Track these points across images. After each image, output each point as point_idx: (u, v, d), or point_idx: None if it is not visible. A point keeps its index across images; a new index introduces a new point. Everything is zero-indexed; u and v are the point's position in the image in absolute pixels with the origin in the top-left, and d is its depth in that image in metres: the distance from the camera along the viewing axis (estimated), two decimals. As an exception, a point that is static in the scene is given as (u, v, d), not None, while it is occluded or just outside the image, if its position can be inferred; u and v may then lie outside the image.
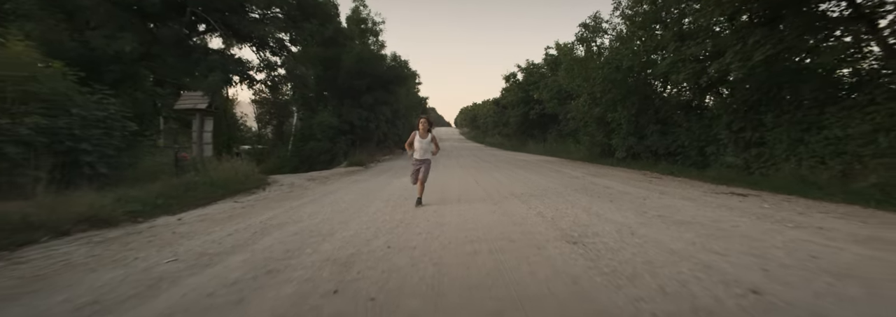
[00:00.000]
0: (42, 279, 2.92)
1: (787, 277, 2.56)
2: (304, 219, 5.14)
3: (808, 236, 3.65)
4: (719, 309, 2.08)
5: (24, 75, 5.36)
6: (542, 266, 2.89)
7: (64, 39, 8.24)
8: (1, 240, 3.80)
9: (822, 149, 7.20)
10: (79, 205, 4.85)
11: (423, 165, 5.88)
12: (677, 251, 3.19)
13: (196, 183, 7.55)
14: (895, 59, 6.36)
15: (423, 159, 5.89)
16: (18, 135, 5.13)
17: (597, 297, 2.30)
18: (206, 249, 3.73)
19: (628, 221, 4.46)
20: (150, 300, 2.48)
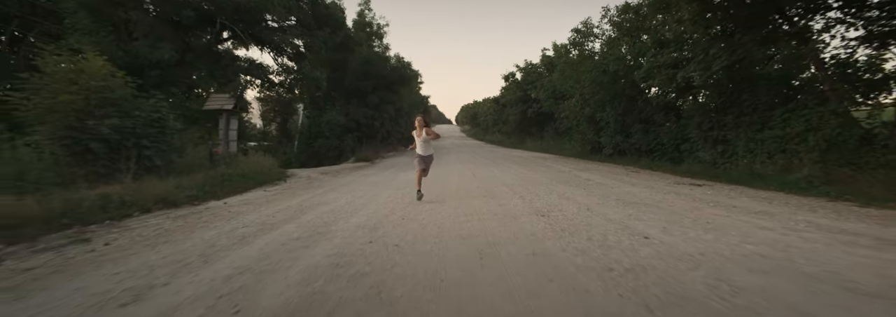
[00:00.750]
0: (161, 236, 4.13)
1: (676, 232, 3.75)
2: (331, 202, 6.34)
3: (717, 211, 4.84)
4: (617, 245, 3.28)
5: (103, 84, 6.55)
6: (513, 227, 4.10)
7: (113, 50, 9.44)
8: (111, 213, 5.02)
9: (769, 146, 8.36)
10: (153, 190, 6.07)
11: (425, 162, 6.36)
12: (613, 219, 4.38)
13: (230, 175, 8.75)
14: (822, 71, 7.52)
15: (426, 156, 6.36)
16: (101, 134, 6.33)
17: (545, 241, 3.51)
18: (264, 220, 4.94)
19: (590, 202, 5.65)
20: (247, 246, 3.69)
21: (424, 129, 6.27)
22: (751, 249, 3.16)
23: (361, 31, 19.44)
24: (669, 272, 2.63)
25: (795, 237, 3.51)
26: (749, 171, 8.50)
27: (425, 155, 6.40)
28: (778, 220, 4.28)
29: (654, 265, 2.77)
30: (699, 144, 10.83)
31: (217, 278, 2.76)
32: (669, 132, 12.23)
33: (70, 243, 3.95)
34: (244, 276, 2.82)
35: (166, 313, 2.19)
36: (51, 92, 6.26)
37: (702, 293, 2.27)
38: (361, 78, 18.30)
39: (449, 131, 61.87)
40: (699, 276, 2.55)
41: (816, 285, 2.37)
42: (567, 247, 3.31)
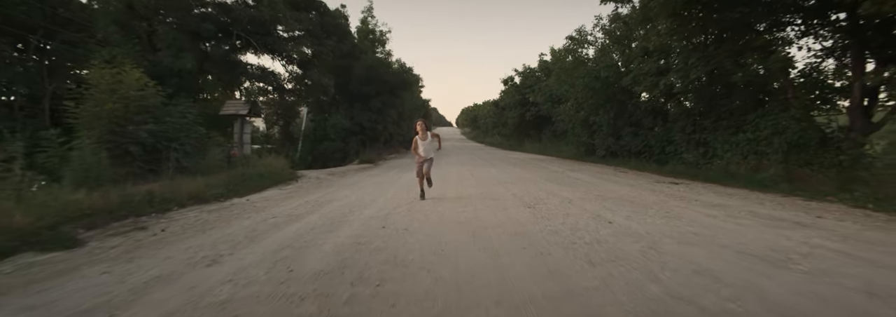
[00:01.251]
0: (206, 225, 4.92)
1: (636, 219, 4.53)
2: (343, 198, 7.12)
3: (680, 204, 5.62)
4: (584, 228, 4.06)
5: (140, 94, 7.37)
6: (502, 216, 4.88)
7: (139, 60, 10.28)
8: (155, 207, 5.81)
9: (743, 148, 9.14)
10: (186, 187, 6.86)
11: (427, 163, 6.60)
12: (588, 210, 5.16)
13: (249, 174, 9.54)
14: (786, 80, 8.31)
15: (427, 157, 6.61)
16: (140, 138, 7.14)
17: (526, 225, 4.29)
18: (289, 212, 5.72)
19: (573, 197, 6.43)
20: (281, 231, 4.46)
21: (428, 132, 6.55)
22: (689, 229, 3.94)
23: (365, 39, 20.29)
24: (617, 244, 3.41)
25: (731, 223, 4.29)
26: (724, 171, 9.29)
27: (427, 157, 6.60)
28: (726, 210, 5.06)
29: (608, 240, 3.55)
30: (682, 146, 11.61)
31: (267, 251, 3.55)
32: (656, 135, 13.02)
33: (132, 229, 4.73)
34: (287, 250, 3.60)
35: (241, 270, 2.97)
36: (96, 101, 7.07)
37: (634, 255, 3.05)
38: (365, 83, 19.15)
39: (449, 134, 62.69)
40: (638, 246, 3.33)
41: (721, 251, 3.15)
42: (544, 229, 4.09)
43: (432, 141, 6.62)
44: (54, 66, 14.63)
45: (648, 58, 11.71)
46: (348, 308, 2.25)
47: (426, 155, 6.59)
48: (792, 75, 8.50)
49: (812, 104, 8.29)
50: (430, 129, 6.74)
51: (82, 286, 2.70)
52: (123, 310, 2.28)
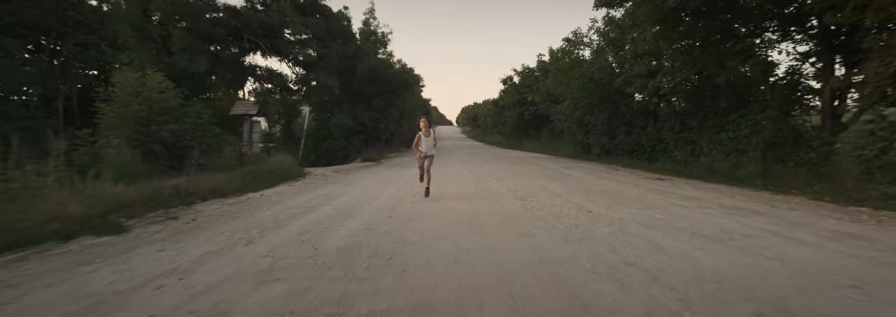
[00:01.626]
0: (231, 215, 5.51)
1: (614, 209, 5.11)
2: (351, 193, 7.71)
3: (658, 197, 6.20)
4: (567, 216, 4.65)
5: (162, 96, 7.95)
6: (495, 206, 5.47)
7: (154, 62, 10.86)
8: (182, 199, 6.40)
9: (725, 146, 9.71)
10: (206, 183, 7.45)
11: (428, 160, 6.79)
12: (573, 202, 5.75)
13: (260, 171, 10.13)
14: (764, 81, 8.87)
15: (428, 154, 6.79)
16: (162, 137, 7.73)
17: (516, 213, 4.87)
18: (304, 204, 6.31)
19: (562, 191, 7.01)
20: (301, 219, 5.05)
21: (430, 132, 6.77)
22: (657, 217, 4.52)
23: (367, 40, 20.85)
24: (591, 228, 4.00)
25: (696, 212, 4.87)
26: (708, 168, 9.86)
27: (428, 154, 6.80)
28: (697, 202, 5.64)
29: (584, 225, 4.14)
30: (672, 145, 12.18)
31: (292, 234, 4.14)
32: (648, 134, 13.58)
33: (165, 219, 5.33)
34: (309, 233, 4.19)
35: (274, 248, 3.56)
36: (121, 103, 7.66)
37: (603, 235, 3.64)
38: (368, 83, 19.72)
39: (449, 133, 63.23)
40: (608, 229, 3.92)
41: (676, 232, 3.74)
42: (531, 217, 4.68)
43: (433, 139, 6.84)
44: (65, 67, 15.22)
45: (639, 60, 12.26)
46: (368, 273, 2.84)
47: (427, 152, 6.75)
48: (772, 78, 9.05)
49: (788, 105, 8.86)
50: (432, 127, 7.00)
51: (148, 259, 3.30)
52: (190, 274, 2.87)
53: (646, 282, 2.48)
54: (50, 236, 4.04)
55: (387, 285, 2.56)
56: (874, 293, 2.27)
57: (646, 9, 8.81)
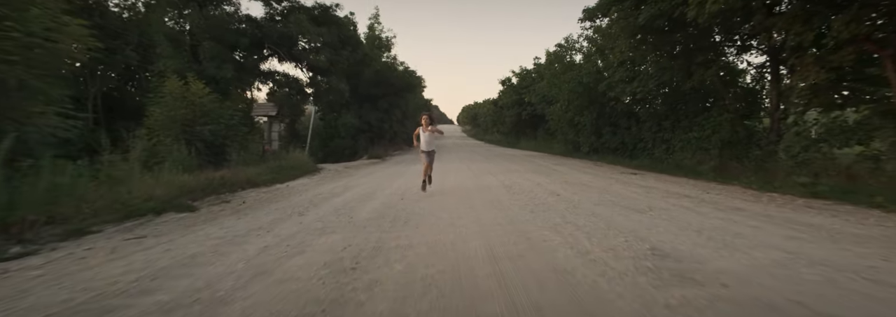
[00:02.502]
0: (271, 200, 6.86)
1: (579, 194, 6.45)
2: (365, 184, 9.05)
3: (620, 186, 7.53)
4: (539, 199, 5.99)
5: (202, 100, 9.29)
6: (486, 193, 6.81)
7: (187, 70, 12.19)
8: (227, 188, 7.74)
9: (693, 145, 11.03)
10: (242, 175, 8.80)
11: (428, 156, 7.14)
12: (549, 189, 7.09)
13: (282, 166, 11.48)
14: (723, 88, 10.19)
15: (429, 151, 7.13)
16: (204, 136, 9.08)
17: (501, 198, 6.22)
18: (328, 192, 7.65)
19: (543, 182, 8.35)
20: (329, 202, 6.39)
21: (430, 127, 7.02)
22: (609, 199, 5.87)
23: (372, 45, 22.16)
24: (553, 205, 5.34)
25: (643, 196, 6.21)
26: (677, 164, 11.19)
27: (429, 150, 7.12)
28: (649, 190, 6.98)
29: (549, 203, 5.49)
30: (650, 144, 13.51)
31: (329, 210, 5.48)
32: (630, 134, 14.91)
33: (220, 202, 6.66)
34: (342, 210, 5.53)
35: (320, 218, 4.90)
36: (170, 107, 9.01)
37: (559, 209, 4.99)
38: (373, 85, 21.06)
39: (450, 131, 64.51)
40: (565, 205, 5.26)
41: (615, 207, 5.08)
42: (512, 199, 6.02)
43: (433, 134, 7.05)
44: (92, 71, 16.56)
45: (621, 67, 13.57)
46: (392, 230, 4.18)
47: (427, 147, 7.05)
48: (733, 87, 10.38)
49: (745, 109, 10.18)
50: (433, 124, 7.16)
51: (234, 223, 4.65)
52: (272, 229, 4.22)
53: (572, 231, 3.83)
54: (148, 211, 5.39)
55: (406, 235, 3.90)
56: (713, 236, 3.60)
57: (620, 24, 10.14)
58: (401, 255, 3.21)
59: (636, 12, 9.56)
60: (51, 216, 4.36)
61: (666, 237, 3.55)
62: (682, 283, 2.46)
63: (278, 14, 13.69)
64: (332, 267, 2.92)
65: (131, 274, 2.84)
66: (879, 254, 3.05)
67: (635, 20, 9.46)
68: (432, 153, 7.20)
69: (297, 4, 13.71)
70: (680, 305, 2.13)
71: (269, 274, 2.80)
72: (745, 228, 3.93)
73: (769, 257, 2.96)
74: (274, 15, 13.52)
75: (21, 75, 4.27)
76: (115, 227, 4.63)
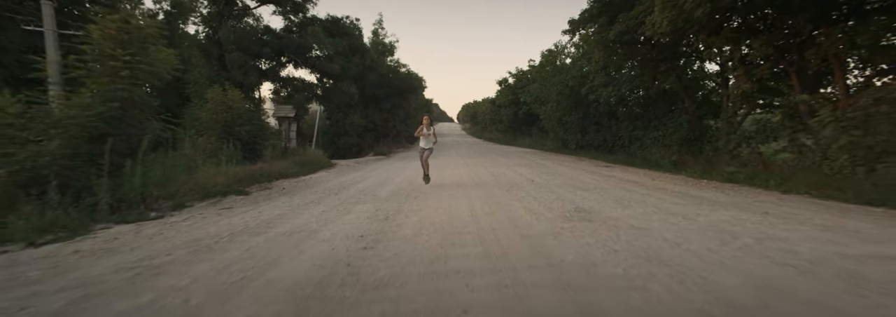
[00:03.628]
0: (306, 187, 8.60)
1: (547, 179, 8.17)
2: (377, 176, 10.77)
3: (585, 175, 9.25)
4: (517, 183, 7.72)
5: (238, 105, 11.01)
6: (476, 179, 8.54)
7: (217, 77, 13.91)
8: (264, 178, 9.47)
9: (659, 142, 12.74)
10: (274, 168, 10.53)
11: (427, 152, 8.11)
12: (527, 178, 8.81)
13: (302, 161, 13.21)
14: (683, 93, 11.88)
15: (427, 148, 8.10)
16: (241, 136, 10.79)
17: (487, 182, 7.95)
18: (350, 181, 9.38)
19: (525, 172, 10.06)
20: (354, 187, 8.13)
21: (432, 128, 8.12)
22: (567, 182, 7.59)
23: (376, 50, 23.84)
24: (525, 187, 7.06)
25: (599, 181, 7.92)
26: (645, 159, 12.91)
27: (427, 147, 8.10)
28: (607, 178, 8.69)
29: (522, 185, 7.22)
30: (626, 141, 15.23)
31: (356, 192, 7.21)
32: (611, 132, 16.63)
33: (264, 189, 8.39)
34: (366, 192, 7.25)
35: (351, 196, 6.63)
36: (212, 111, 10.72)
37: (528, 189, 6.71)
38: (378, 88, 22.76)
39: (450, 129, 66.16)
40: (534, 187, 6.99)
41: (568, 186, 6.80)
42: (494, 182, 7.74)
43: (431, 134, 8.06)
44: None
45: (600, 72, 15.26)
46: (407, 201, 5.90)
47: (426, 145, 8.01)
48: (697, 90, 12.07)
49: (701, 111, 11.88)
50: (433, 124, 8.20)
51: (288, 201, 6.38)
52: (320, 202, 5.95)
53: (530, 201, 5.56)
54: (217, 194, 7.11)
55: (417, 204, 5.63)
56: (621, 202, 5.31)
57: (595, 38, 11.84)
58: (415, 213, 4.94)
59: (608, 28, 11.25)
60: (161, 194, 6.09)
61: (590, 203, 5.28)
62: (581, 221, 4.18)
63: (295, 25, 15.37)
64: (372, 219, 4.65)
65: (251, 222, 4.58)
66: (712, 210, 4.76)
67: (607, 34, 11.15)
68: (430, 150, 8.13)
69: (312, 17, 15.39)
70: (572, 228, 3.86)
71: (333, 222, 4.53)
72: (649, 198, 5.66)
73: (645, 211, 4.68)
74: (292, 27, 15.20)
75: (141, 94, 6.00)
76: (201, 203, 6.37)
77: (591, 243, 3.36)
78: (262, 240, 3.73)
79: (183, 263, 3.05)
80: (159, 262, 3.08)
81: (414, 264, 2.92)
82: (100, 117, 5.55)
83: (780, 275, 2.53)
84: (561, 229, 3.85)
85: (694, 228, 3.85)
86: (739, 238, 3.42)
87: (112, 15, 5.99)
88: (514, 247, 3.31)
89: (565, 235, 3.62)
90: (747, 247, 3.16)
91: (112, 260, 3.18)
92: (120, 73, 5.81)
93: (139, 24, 6.24)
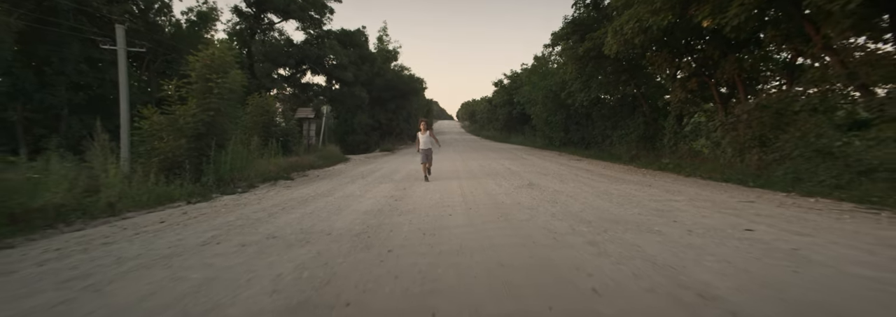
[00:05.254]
0: (335, 174, 11.08)
1: (521, 167, 10.63)
2: (387, 167, 13.23)
3: (554, 165, 11.70)
4: (497, 170, 10.18)
5: (273, 109, 13.44)
6: (467, 169, 11.00)
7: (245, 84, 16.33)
8: (302, 169, 11.93)
9: (623, 139, 15.19)
10: (305, 161, 12.99)
11: (425, 153, 8.88)
12: (506, 167, 11.27)
13: (323, 156, 15.67)
14: (642, 100, 14.31)
15: (426, 149, 8.87)
16: (277, 134, 13.24)
17: (476, 171, 10.42)
18: (368, 170, 11.85)
19: (508, 164, 12.51)
20: (373, 174, 10.59)
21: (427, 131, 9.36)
22: (535, 169, 10.04)
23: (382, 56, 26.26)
24: (501, 172, 9.52)
25: (561, 169, 10.37)
26: (611, 153, 15.38)
27: (426, 149, 8.90)
28: (569, 167, 11.14)
29: (500, 171, 9.69)
30: (599, 138, 17.70)
31: (376, 176, 9.67)
32: (587, 131, 19.09)
33: (302, 176, 10.84)
34: (384, 177, 9.70)
35: (375, 179, 9.09)
36: (254, 114, 13.16)
37: (504, 173, 9.18)
38: (384, 90, 25.19)
39: (450, 127, 68.55)
40: (510, 173, 9.45)
41: (535, 171, 9.25)
42: (481, 171, 10.20)
43: (429, 136, 9.05)
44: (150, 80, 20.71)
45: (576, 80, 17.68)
46: (415, 184, 8.35)
47: (423, 146, 8.87)
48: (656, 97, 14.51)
49: (656, 114, 14.32)
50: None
51: (329, 182, 8.85)
52: (354, 183, 8.42)
53: (501, 180, 8.00)
54: (271, 178, 9.56)
55: (424, 185, 8.08)
56: (564, 180, 7.76)
57: (567, 53, 14.27)
58: (422, 186, 7.40)
59: (579, 45, 13.66)
60: (238, 177, 8.53)
61: (541, 181, 7.74)
62: (527, 188, 6.64)
63: (314, 39, 17.79)
64: (394, 189, 7.10)
65: (307, 194, 7.03)
66: (619, 185, 7.19)
67: (578, 51, 13.57)
68: (429, 152, 8.91)
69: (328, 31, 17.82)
70: (519, 192, 6.31)
71: (369, 191, 6.98)
72: (585, 179, 8.11)
73: (574, 185, 7.14)
74: (311, 40, 17.63)
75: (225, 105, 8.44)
76: (263, 184, 8.82)
77: (525, 197, 5.83)
78: (331, 199, 6.20)
79: (291, 208, 5.50)
80: (276, 210, 5.51)
81: (423, 206, 5.38)
82: (201, 122, 8.00)
83: (615, 209, 4.99)
84: (511, 192, 6.32)
85: (592, 191, 6.33)
86: (613, 197, 5.88)
87: (206, 49, 8.44)
88: (480, 199, 5.78)
89: (512, 194, 6.10)
90: (612, 199, 5.62)
91: (249, 208, 5.62)
92: (213, 91, 8.25)
93: (223, 54, 8.67)
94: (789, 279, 2.46)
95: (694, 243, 3.30)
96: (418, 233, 3.84)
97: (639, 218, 4.34)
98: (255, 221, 4.59)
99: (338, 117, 27.61)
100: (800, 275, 2.53)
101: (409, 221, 4.38)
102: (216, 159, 8.05)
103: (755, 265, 2.72)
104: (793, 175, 6.86)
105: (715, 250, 3.07)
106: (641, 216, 4.43)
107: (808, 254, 2.96)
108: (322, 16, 17.74)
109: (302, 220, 4.63)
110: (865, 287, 2.35)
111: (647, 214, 4.56)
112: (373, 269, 2.77)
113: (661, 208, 4.86)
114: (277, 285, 2.47)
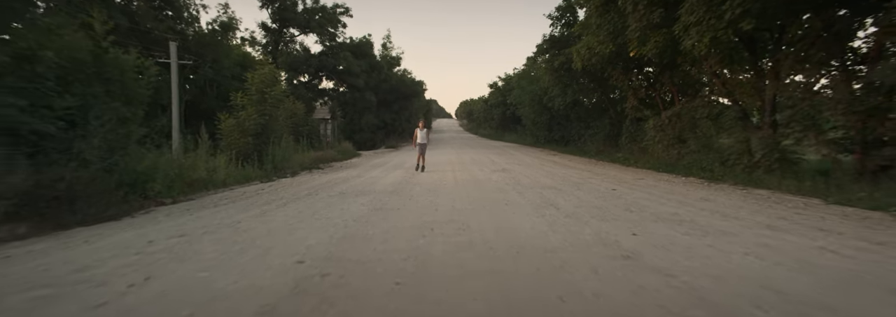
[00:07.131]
0: (357, 165, 13.85)
1: (503, 160, 13.39)
2: (396, 161, 15.98)
3: (529, 158, 14.47)
4: (482, 160, 12.95)
5: (300, 113, 16.16)
6: (460, 161, 13.76)
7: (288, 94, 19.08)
8: (326, 161, 14.69)
9: (592, 138, 17.94)
10: (327, 155, 15.75)
11: (421, 147, 10.89)
12: (492, 160, 14.04)
13: (340, 151, 18.42)
14: (609, 105, 17.06)
15: (422, 143, 10.93)
16: (304, 133, 15.97)
17: (468, 163, 13.18)
18: (381, 162, 14.62)
19: (494, 158, 15.27)
20: (387, 164, 13.35)
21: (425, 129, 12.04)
22: (515, 161, 12.80)
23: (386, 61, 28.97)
24: (485, 162, 12.28)
25: (535, 161, 13.12)
26: (582, 149, 18.16)
27: (422, 143, 10.97)
28: (541, 160, 13.90)
29: (484, 162, 12.45)
30: (576, 136, 20.48)
31: (390, 165, 12.42)
32: (566, 130, 21.87)
33: (328, 167, 13.58)
34: (397, 165, 12.45)
35: (392, 167, 11.85)
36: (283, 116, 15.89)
37: (486, 163, 11.95)
38: (388, 93, 27.91)
39: (448, 126, 71.25)
40: (492, 163, 12.21)
41: (514, 163, 12.01)
42: (471, 162, 12.95)
43: (427, 133, 11.27)
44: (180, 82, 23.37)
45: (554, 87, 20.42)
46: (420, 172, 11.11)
47: (421, 141, 10.92)
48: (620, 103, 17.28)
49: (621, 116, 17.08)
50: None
51: (354, 170, 11.62)
52: (374, 169, 11.18)
53: (481, 166, 10.75)
54: (306, 168, 12.30)
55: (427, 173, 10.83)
56: (531, 167, 10.51)
57: (545, 66, 17.03)
58: (426, 174, 10.16)
59: (555, 58, 16.39)
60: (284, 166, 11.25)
61: (513, 168, 10.51)
62: (501, 172, 9.40)
63: (329, 49, 20.51)
64: (406, 174, 9.86)
65: (345, 176, 9.79)
66: (570, 170, 9.93)
67: (554, 64, 16.32)
68: (425, 146, 11.13)
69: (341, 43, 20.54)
70: (494, 174, 9.06)
71: (388, 176, 9.73)
72: (548, 167, 10.84)
73: (538, 170, 9.90)
74: (327, 51, 20.35)
75: (274, 112, 11.17)
76: (302, 172, 11.57)
77: (496, 176, 8.61)
78: (364, 179, 8.98)
79: (337, 183, 8.24)
80: (331, 183, 8.24)
81: (427, 181, 8.15)
82: (257, 124, 10.74)
83: (546, 180, 7.74)
84: (489, 174, 9.10)
85: (541, 173, 9.11)
86: (554, 176, 8.64)
87: (262, 67, 11.18)
88: (464, 177, 8.56)
89: (488, 175, 8.87)
90: (552, 177, 8.37)
91: (311, 183, 8.36)
92: (266, 100, 10.99)
93: (272, 72, 11.40)
94: (604, 204, 5.23)
95: (575, 194, 6.08)
96: (426, 189, 6.62)
97: (557, 184, 7.13)
98: (327, 187, 7.37)
99: (345, 117, 30.39)
100: (612, 201, 5.31)
101: (419, 186, 7.19)
102: (271, 152, 10.81)
103: (590, 197, 5.51)
104: (694, 164, 9.64)
105: (581, 195, 5.84)
106: (560, 184, 7.21)
107: (622, 194, 5.74)
108: (336, 29, 20.43)
109: (354, 187, 7.42)
110: (639, 206, 5.13)
111: (564, 184, 7.33)
112: (404, 202, 5.54)
113: (577, 182, 7.63)
114: (363, 206, 5.23)
